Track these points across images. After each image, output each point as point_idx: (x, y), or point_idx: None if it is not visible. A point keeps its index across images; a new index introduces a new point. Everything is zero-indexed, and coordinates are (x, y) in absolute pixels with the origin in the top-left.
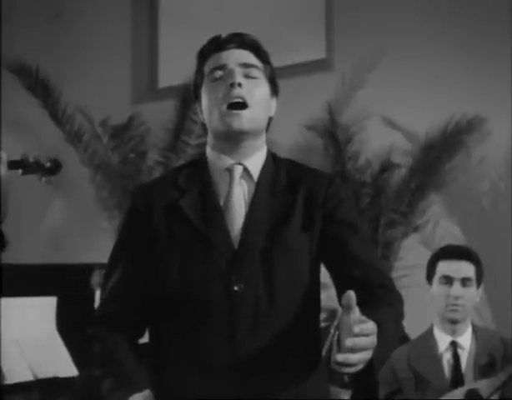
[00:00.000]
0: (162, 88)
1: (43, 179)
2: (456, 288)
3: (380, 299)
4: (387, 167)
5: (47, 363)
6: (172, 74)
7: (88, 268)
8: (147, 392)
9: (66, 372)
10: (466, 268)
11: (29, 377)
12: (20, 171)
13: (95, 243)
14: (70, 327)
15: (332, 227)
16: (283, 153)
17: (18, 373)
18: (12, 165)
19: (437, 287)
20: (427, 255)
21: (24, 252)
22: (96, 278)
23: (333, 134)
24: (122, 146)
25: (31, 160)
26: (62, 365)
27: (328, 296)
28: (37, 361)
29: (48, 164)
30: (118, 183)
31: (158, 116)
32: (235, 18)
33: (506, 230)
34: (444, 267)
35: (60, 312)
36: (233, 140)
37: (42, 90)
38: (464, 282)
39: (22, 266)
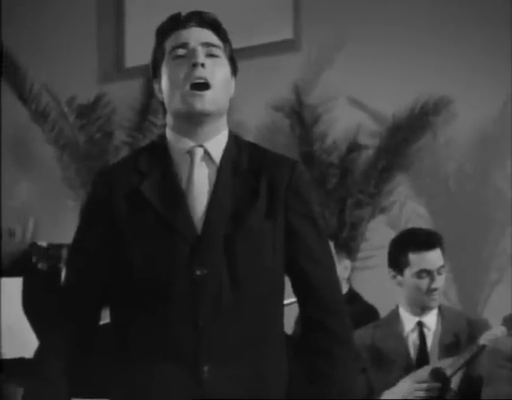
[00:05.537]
0: (128, 68)
1: None
2: (435, 280)
3: (333, 335)
4: (354, 148)
5: (14, 344)
6: (138, 53)
7: (55, 248)
8: None
9: (32, 353)
10: (438, 257)
11: None
12: None
13: (61, 222)
14: (36, 307)
15: (291, 217)
16: (249, 134)
17: None
18: None
19: (413, 279)
20: (393, 236)
21: None
22: (64, 258)
23: (300, 115)
24: (89, 125)
25: None
26: (29, 346)
27: (344, 267)
28: (4, 342)
29: None
30: (85, 163)
31: (125, 95)
32: None
33: (472, 211)
34: (418, 260)
35: (26, 293)
36: (194, 121)
37: (7, 68)
38: (439, 270)
39: None
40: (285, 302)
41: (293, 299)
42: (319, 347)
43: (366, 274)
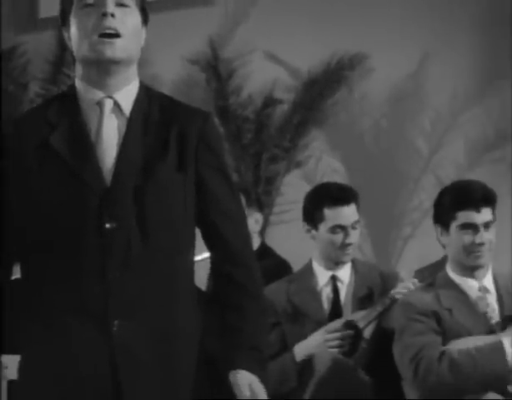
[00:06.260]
0: (43, 18)
1: None
2: (349, 235)
3: (243, 289)
4: (269, 102)
5: None
6: (53, 4)
7: None
8: None
9: None
10: (353, 212)
11: None
12: None
13: None
14: None
15: (202, 169)
16: (165, 87)
17: None
18: None
19: (327, 234)
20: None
21: None
22: None
23: (216, 69)
24: (3, 77)
25: None
26: None
27: (255, 220)
28: None
29: None
30: None
31: (39, 47)
32: None
33: (387, 166)
34: (332, 216)
35: None
36: (103, 70)
37: None
38: (354, 225)
39: None
40: (199, 257)
41: (207, 254)
42: (229, 302)
43: (281, 229)
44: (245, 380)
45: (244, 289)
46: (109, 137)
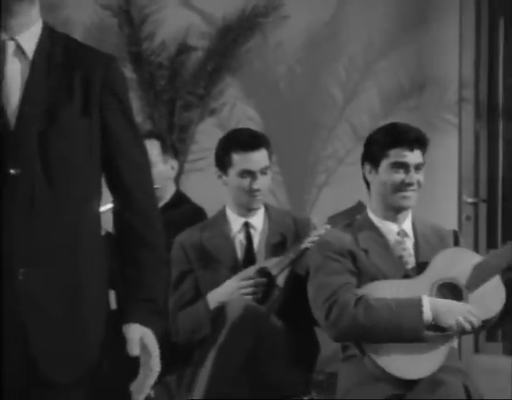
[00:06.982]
0: None
1: None
2: (257, 180)
3: (140, 239)
4: (183, 49)
5: None
6: None
7: None
8: None
9: None
10: (263, 158)
11: None
12: None
13: None
14: None
15: (106, 114)
16: (77, 32)
17: None
18: None
19: (237, 179)
20: None
21: None
22: None
23: (128, 13)
24: None
25: None
26: None
27: (171, 167)
28: None
29: None
30: None
31: None
32: None
33: (302, 114)
34: (240, 160)
35: None
36: (5, 10)
37: None
38: (263, 171)
39: None
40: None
41: None
42: (127, 252)
43: (196, 176)
44: (136, 334)
45: (142, 239)
46: (12, 80)
